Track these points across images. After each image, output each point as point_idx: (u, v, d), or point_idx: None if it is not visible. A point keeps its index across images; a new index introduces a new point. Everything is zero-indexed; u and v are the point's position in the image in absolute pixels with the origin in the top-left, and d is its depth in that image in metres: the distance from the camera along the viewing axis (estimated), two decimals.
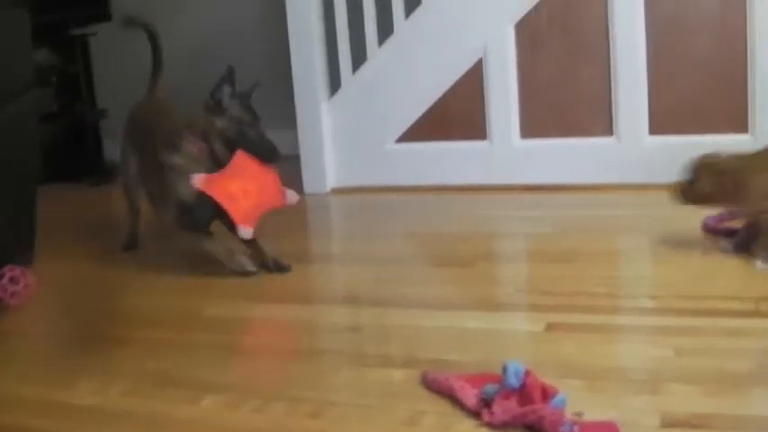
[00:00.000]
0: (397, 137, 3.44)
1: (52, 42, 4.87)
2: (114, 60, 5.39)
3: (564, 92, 3.19)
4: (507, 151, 3.27)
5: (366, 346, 1.79)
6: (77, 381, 1.76)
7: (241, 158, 2.30)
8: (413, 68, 3.39)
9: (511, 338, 1.77)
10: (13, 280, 2.31)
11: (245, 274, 2.31)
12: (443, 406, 1.45)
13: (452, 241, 2.60)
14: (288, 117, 3.79)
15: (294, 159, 3.59)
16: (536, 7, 3.17)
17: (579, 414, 1.35)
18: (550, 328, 1.77)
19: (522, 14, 3.19)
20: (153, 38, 3.24)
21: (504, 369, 1.38)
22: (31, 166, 2.49)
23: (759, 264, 2.10)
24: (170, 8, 5.22)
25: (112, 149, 5.37)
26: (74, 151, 4.97)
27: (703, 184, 2.23)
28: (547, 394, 1.37)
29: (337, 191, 3.50)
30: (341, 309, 2.07)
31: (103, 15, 4.78)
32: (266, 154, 2.34)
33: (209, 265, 2.44)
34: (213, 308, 2.15)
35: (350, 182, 3.53)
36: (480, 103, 3.29)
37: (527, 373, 1.38)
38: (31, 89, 2.42)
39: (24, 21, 2.38)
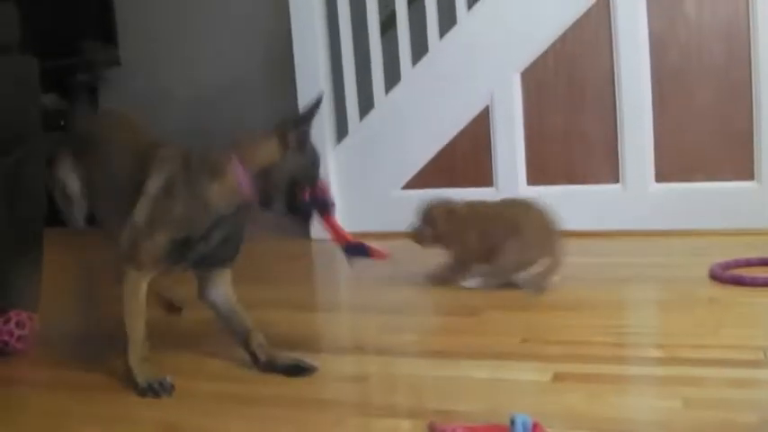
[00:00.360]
0: (403, 183, 3.46)
1: (60, 87, 4.91)
2: (123, 105, 5.43)
3: (570, 139, 3.21)
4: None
5: (372, 396, 1.78)
6: (79, 429, 1.75)
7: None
8: (420, 116, 3.42)
9: (518, 388, 1.76)
10: (19, 324, 2.31)
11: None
12: None
13: (456, 289, 2.60)
14: None
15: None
16: (542, 56, 3.19)
17: None
18: (557, 378, 1.76)
19: (529, 63, 3.22)
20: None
21: (512, 421, 1.38)
22: (38, 211, 2.49)
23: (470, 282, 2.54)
24: (177, 56, 5.28)
25: None
26: None
27: (429, 229, 2.62)
28: None
29: None
30: (346, 358, 2.06)
31: (112, 61, 4.81)
32: (328, 207, 1.93)
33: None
34: (218, 356, 2.15)
35: (356, 227, 3.50)
36: (487, 150, 3.32)
37: (535, 426, 1.38)
38: (38, 134, 2.43)
39: (33, 66, 2.40)
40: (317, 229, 3.51)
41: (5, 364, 2.27)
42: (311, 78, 3.57)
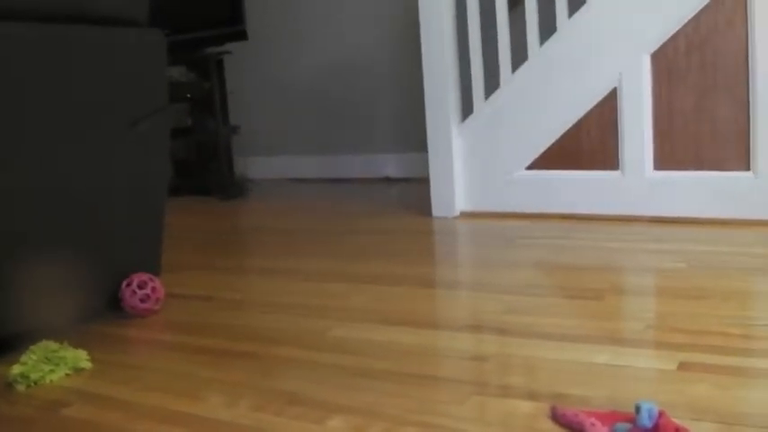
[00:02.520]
0: (527, 164, 3.44)
1: (189, 60, 5.04)
2: (247, 78, 5.54)
3: (700, 124, 3.12)
4: (639, 182, 3.22)
5: (491, 376, 1.78)
6: (205, 393, 1.80)
7: None
8: (546, 96, 3.38)
9: (640, 376, 1.73)
10: (141, 286, 2.39)
11: None
12: None
13: (580, 272, 2.57)
14: (420, 140, 3.83)
15: (425, 182, 3.62)
16: (673, 38, 3.11)
17: None
18: (682, 367, 1.73)
19: (659, 45, 3.14)
20: None
21: (638, 408, 1.36)
22: (162, 180, 2.56)
23: None
24: (306, 31, 5.34)
25: (243, 165, 5.52)
26: (206, 166, 5.11)
27: None
28: None
29: (465, 215, 3.51)
30: (466, 336, 2.06)
31: (239, 35, 4.91)
32: None
33: (337, 284, 2.48)
34: (339, 328, 2.18)
35: (478, 207, 3.53)
36: (613, 132, 3.26)
37: (660, 414, 1.36)
38: (165, 105, 2.49)
39: (160, 40, 2.47)
40: (438, 206, 3.56)
41: (135, 326, 2.36)
42: (438, 55, 3.56)
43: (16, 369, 1.95)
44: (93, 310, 2.45)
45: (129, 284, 2.40)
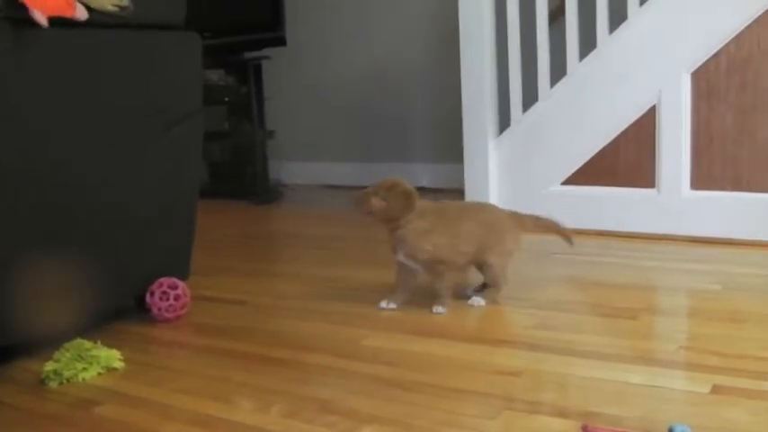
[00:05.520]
0: (563, 179, 3.43)
1: (228, 64, 5.07)
2: (284, 84, 5.56)
3: (739, 145, 3.10)
4: (675, 201, 3.20)
5: (522, 392, 1.77)
6: (236, 397, 1.81)
7: None
8: (584, 111, 3.37)
9: (673, 397, 1.72)
10: (164, 296, 2.40)
11: None
12: None
13: (614, 290, 2.56)
14: (456, 151, 3.83)
15: (460, 194, 3.62)
16: (714, 57, 3.10)
17: None
18: (716, 390, 1.71)
19: (700, 63, 3.12)
20: None
21: (671, 430, 1.35)
22: (194, 183, 2.58)
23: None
24: (345, 38, 5.36)
25: (278, 169, 5.54)
26: (241, 169, 5.14)
27: (378, 200, 2.42)
28: None
29: None
30: (498, 350, 2.05)
31: (278, 40, 4.93)
32: None
33: (371, 293, 2.49)
34: (372, 338, 2.18)
35: None
36: (650, 150, 3.24)
37: None
38: (199, 110, 2.51)
39: (196, 44, 2.48)
40: None
41: (167, 327, 2.38)
42: (476, 67, 3.57)
43: (49, 366, 1.97)
44: (122, 310, 2.47)
45: (152, 293, 2.41)
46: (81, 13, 2.05)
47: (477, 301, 2.46)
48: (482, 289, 2.54)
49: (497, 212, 2.54)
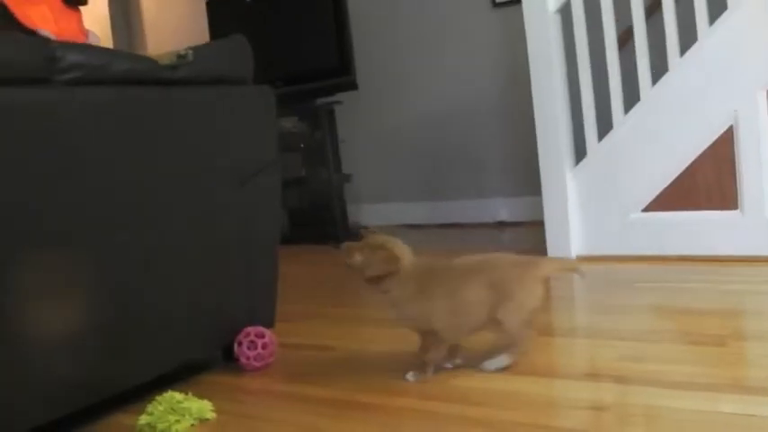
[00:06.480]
0: (643, 206, 3.40)
1: (301, 111, 5.15)
2: (357, 127, 5.62)
3: None
4: (759, 222, 3.14)
5: (610, 427, 1.76)
6: None
7: None
8: (659, 136, 3.34)
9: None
10: (252, 345, 2.44)
11: None
12: None
13: (700, 317, 2.52)
14: (533, 183, 3.82)
15: (539, 226, 3.62)
16: None
17: None
18: None
19: None
20: None
21: None
22: (274, 232, 2.61)
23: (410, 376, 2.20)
24: (416, 78, 5.40)
25: (356, 212, 5.58)
26: (320, 214, 5.18)
27: (359, 257, 2.22)
28: None
29: (581, 258, 3.48)
30: (583, 385, 2.04)
31: (349, 85, 5.00)
32: None
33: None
34: (459, 378, 2.18)
35: (594, 250, 3.50)
36: (731, 171, 3.20)
37: None
38: (275, 160, 2.55)
39: (268, 95, 2.53)
40: (554, 249, 3.55)
41: (255, 376, 2.42)
42: (548, 98, 3.56)
43: (143, 419, 2.01)
44: (210, 362, 2.52)
45: (240, 343, 2.45)
46: (93, 39, 2.12)
47: (495, 364, 2.20)
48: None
49: (503, 266, 2.20)
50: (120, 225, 2.05)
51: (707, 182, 3.27)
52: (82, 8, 2.58)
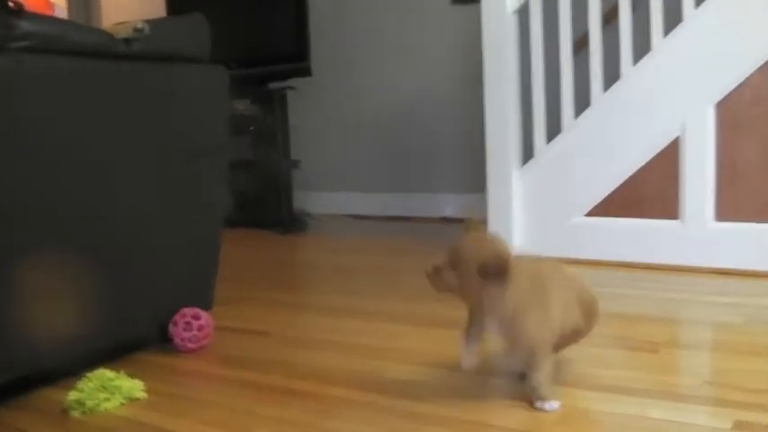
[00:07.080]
0: (586, 210, 3.43)
1: (254, 94, 5.11)
2: (309, 114, 5.59)
3: (764, 176, 3.09)
4: (700, 233, 3.19)
5: (542, 426, 1.77)
6: (258, 429, 1.82)
7: None
8: (608, 142, 3.37)
9: None
10: (187, 326, 2.42)
11: None
12: None
13: (636, 323, 2.55)
14: (480, 181, 3.83)
15: (483, 223, 3.62)
16: (739, 88, 3.09)
17: None
18: (738, 426, 1.70)
19: (724, 95, 3.12)
20: None
21: None
22: (219, 214, 2.59)
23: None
24: (371, 69, 5.39)
25: (303, 199, 5.57)
26: (266, 199, 5.15)
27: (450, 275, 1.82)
28: None
29: None
30: (520, 385, 2.04)
31: (303, 71, 4.97)
32: None
33: (393, 325, 2.48)
34: (395, 370, 2.18)
35: (536, 251, 3.51)
36: (675, 182, 3.24)
37: None
38: (225, 142, 2.53)
39: (222, 76, 2.51)
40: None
41: (189, 358, 2.39)
42: (500, 98, 3.57)
43: (72, 395, 1.98)
44: (144, 340, 2.49)
45: (176, 324, 2.43)
46: (59, 13, 2.09)
47: (550, 405, 1.86)
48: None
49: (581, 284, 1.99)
50: (63, 196, 2.02)
51: (651, 191, 3.31)
52: None
